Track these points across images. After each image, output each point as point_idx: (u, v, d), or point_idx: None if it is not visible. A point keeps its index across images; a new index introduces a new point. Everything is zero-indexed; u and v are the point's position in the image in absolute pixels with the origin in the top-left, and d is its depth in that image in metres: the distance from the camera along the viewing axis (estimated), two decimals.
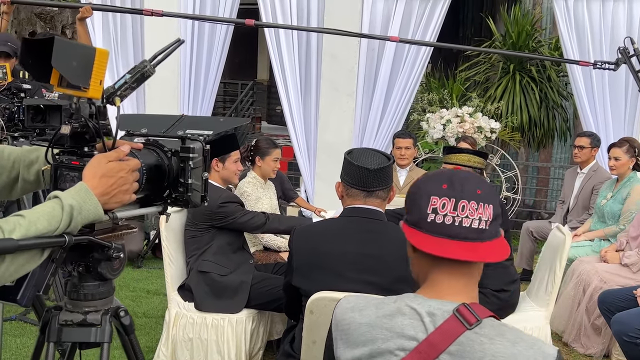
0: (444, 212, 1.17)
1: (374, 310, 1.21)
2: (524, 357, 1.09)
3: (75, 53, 1.23)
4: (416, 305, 1.18)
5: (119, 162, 1.30)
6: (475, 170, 3.15)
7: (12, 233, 1.09)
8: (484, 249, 1.17)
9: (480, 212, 1.17)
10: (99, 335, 1.37)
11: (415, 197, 1.22)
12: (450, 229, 1.16)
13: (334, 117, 6.50)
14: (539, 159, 8.64)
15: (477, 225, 1.17)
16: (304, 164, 6.62)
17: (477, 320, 1.12)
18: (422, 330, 1.15)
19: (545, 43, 7.59)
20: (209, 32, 6.66)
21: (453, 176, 1.21)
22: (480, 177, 1.25)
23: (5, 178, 1.43)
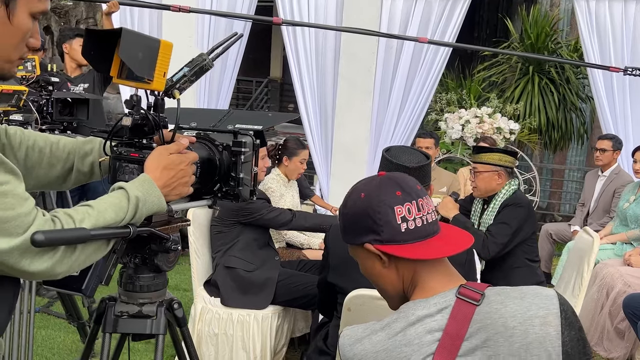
0: (411, 217, 1.21)
1: (383, 334, 1.19)
2: (535, 305, 1.12)
3: (141, 44, 1.23)
4: (421, 310, 1.18)
5: (179, 155, 1.31)
6: (506, 170, 3.14)
7: (82, 222, 1.09)
8: (449, 235, 1.26)
9: (429, 205, 1.25)
10: (154, 327, 1.37)
11: (379, 215, 1.21)
12: (423, 230, 1.22)
13: (350, 116, 6.49)
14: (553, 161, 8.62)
15: (434, 217, 1.26)
16: (320, 163, 6.62)
17: (481, 295, 1.15)
18: (437, 329, 1.15)
19: (564, 44, 7.56)
20: (226, 29, 6.67)
21: (396, 181, 1.25)
22: (404, 173, 1.32)
23: (60, 169, 1.43)
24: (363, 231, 1.24)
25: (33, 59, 3.45)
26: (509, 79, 7.57)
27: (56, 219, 1.06)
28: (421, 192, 1.25)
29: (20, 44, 1.10)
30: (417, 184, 1.26)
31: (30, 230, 1.00)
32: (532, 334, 1.10)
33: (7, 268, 1.01)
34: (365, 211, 1.23)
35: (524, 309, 1.13)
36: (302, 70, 6.42)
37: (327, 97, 6.59)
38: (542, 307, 1.13)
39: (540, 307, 1.13)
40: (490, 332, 1.12)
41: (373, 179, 1.29)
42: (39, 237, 0.97)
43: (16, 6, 1.05)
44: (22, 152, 1.38)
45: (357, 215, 1.25)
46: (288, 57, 6.36)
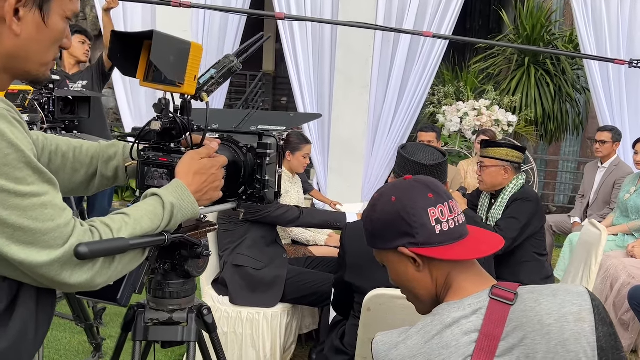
0: (444, 219, 1.21)
1: (419, 338, 1.18)
2: (568, 302, 1.13)
3: (172, 48, 1.20)
4: (455, 312, 1.17)
5: (210, 159, 1.29)
6: (514, 165, 3.14)
7: (120, 232, 1.07)
8: (479, 236, 1.26)
9: (458, 207, 1.26)
10: (185, 334, 1.35)
11: (414, 218, 1.21)
12: (456, 231, 1.22)
13: (347, 110, 6.47)
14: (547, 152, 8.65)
15: (463, 219, 1.27)
16: (317, 157, 6.59)
17: (515, 294, 1.16)
18: (474, 330, 1.14)
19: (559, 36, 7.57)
20: (221, 23, 6.61)
21: (426, 183, 1.25)
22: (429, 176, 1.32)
23: (84, 174, 1.40)
24: (396, 235, 1.22)
25: None
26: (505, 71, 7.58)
27: (94, 229, 1.04)
28: (449, 195, 1.25)
29: (54, 45, 1.09)
30: (444, 186, 1.27)
31: (70, 241, 0.97)
32: (568, 330, 1.11)
33: (47, 281, 0.98)
34: (399, 214, 1.22)
35: (558, 305, 1.13)
36: (299, 63, 6.38)
37: (324, 91, 6.56)
38: (575, 303, 1.13)
39: (574, 304, 1.13)
40: (527, 331, 1.12)
41: (402, 182, 1.27)
42: (83, 250, 0.95)
43: (50, 9, 1.05)
44: (45, 158, 1.35)
45: (390, 219, 1.23)
46: (285, 51, 6.32)
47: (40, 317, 1.02)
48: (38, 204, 0.95)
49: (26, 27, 1.02)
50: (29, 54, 1.05)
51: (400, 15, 6.37)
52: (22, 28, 1.02)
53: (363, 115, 6.50)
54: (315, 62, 6.49)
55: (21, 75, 1.08)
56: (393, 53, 6.43)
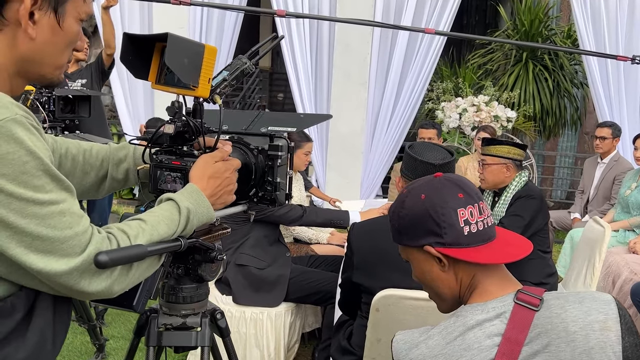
0: (474, 221, 1.19)
1: (440, 338, 1.18)
2: (594, 310, 1.11)
3: (186, 50, 1.19)
4: (479, 314, 1.16)
5: (224, 163, 1.27)
6: (515, 162, 3.13)
7: (137, 239, 1.05)
8: (507, 239, 1.24)
9: (488, 208, 1.23)
10: (199, 339, 1.34)
11: (443, 217, 1.19)
12: (484, 233, 1.20)
13: (346, 107, 6.45)
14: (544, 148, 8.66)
15: (492, 221, 1.24)
16: (316, 154, 6.58)
17: (540, 300, 1.14)
18: (497, 334, 1.13)
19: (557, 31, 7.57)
20: (218, 21, 6.58)
21: (457, 183, 1.23)
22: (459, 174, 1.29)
23: (94, 176, 1.39)
24: (423, 233, 1.21)
25: None
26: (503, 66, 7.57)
27: (112, 236, 1.02)
28: (480, 195, 1.23)
29: (68, 48, 1.08)
30: (476, 187, 1.25)
31: (88, 249, 0.96)
32: (594, 339, 1.09)
33: (65, 289, 0.97)
34: (427, 212, 1.20)
35: (584, 313, 1.11)
36: (297, 60, 6.35)
37: (323, 88, 6.55)
38: (602, 311, 1.11)
39: (600, 312, 1.11)
40: (551, 337, 1.11)
41: (432, 180, 1.25)
42: (104, 258, 0.93)
43: (65, 11, 1.04)
44: (55, 162, 1.32)
45: (418, 217, 1.21)
46: (282, 48, 6.29)
47: (58, 327, 1.00)
48: (56, 211, 0.93)
49: (41, 31, 1.01)
50: (44, 58, 1.03)
51: (399, 12, 6.36)
52: (38, 31, 1.00)
53: (361, 112, 6.49)
54: (313, 59, 6.47)
55: (36, 79, 1.07)
56: (391, 50, 6.41)
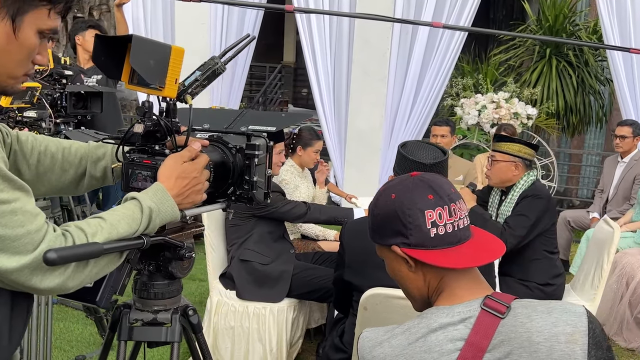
0: (442, 222, 1.17)
1: (403, 338, 1.17)
2: (562, 322, 1.09)
3: (152, 51, 1.21)
4: (444, 317, 1.15)
5: (192, 163, 1.29)
6: (525, 161, 3.09)
7: (94, 236, 1.08)
8: (480, 241, 1.22)
9: (462, 210, 1.21)
10: (169, 335, 1.36)
11: (409, 218, 1.18)
12: (453, 236, 1.18)
13: (365, 103, 6.43)
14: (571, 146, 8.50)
15: (466, 223, 1.21)
16: (334, 150, 6.58)
17: (507, 307, 1.13)
18: (460, 339, 1.12)
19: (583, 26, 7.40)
20: (239, 16, 6.62)
21: (429, 184, 1.21)
22: (440, 174, 1.28)
23: (73, 174, 1.42)
24: (391, 233, 1.21)
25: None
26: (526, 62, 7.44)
27: (67, 234, 1.05)
28: (455, 196, 1.20)
29: (24, 60, 1.06)
30: (452, 187, 1.22)
31: (40, 247, 0.98)
32: (558, 350, 1.07)
33: (17, 285, 1.00)
34: (395, 213, 1.20)
35: (550, 324, 1.09)
36: (316, 56, 6.36)
37: (342, 83, 6.53)
38: (570, 323, 1.09)
39: (568, 324, 1.09)
40: (514, 346, 1.09)
41: (406, 179, 1.24)
42: (52, 256, 0.96)
43: (23, 21, 1.02)
44: (34, 158, 1.36)
45: (387, 216, 1.21)
46: (302, 43, 6.30)
47: (15, 322, 1.04)
48: (7, 210, 0.96)
49: None
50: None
51: (419, 7, 6.30)
52: None
53: (380, 108, 6.46)
54: (332, 54, 6.46)
55: None
56: (411, 45, 6.36)
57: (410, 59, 6.35)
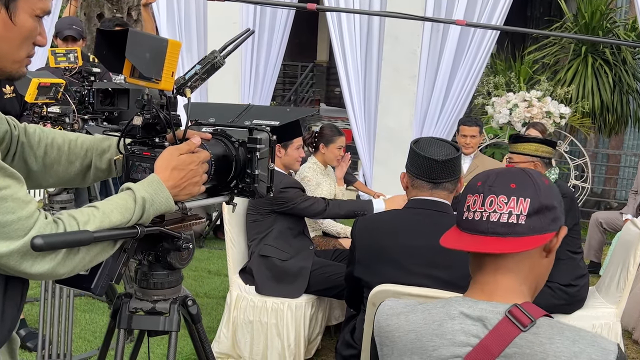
0: (474, 209, 1.16)
1: (421, 316, 1.17)
2: (586, 354, 1.04)
3: (148, 45, 1.23)
4: (466, 308, 1.13)
5: (189, 155, 1.31)
6: (544, 160, 3.03)
7: (86, 225, 1.11)
8: (516, 243, 1.13)
9: (511, 206, 1.13)
10: (167, 324, 1.39)
11: (460, 197, 1.24)
12: (478, 224, 1.15)
13: (394, 101, 6.39)
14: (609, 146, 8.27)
15: (507, 220, 1.14)
16: (363, 148, 6.56)
17: (531, 321, 1.09)
18: (475, 335, 1.10)
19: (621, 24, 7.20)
20: (271, 16, 6.67)
21: (493, 173, 1.19)
22: (523, 172, 1.18)
23: (79, 165, 1.46)
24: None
25: (75, 50, 3.53)
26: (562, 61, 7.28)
27: (59, 221, 1.08)
28: (504, 191, 1.15)
29: (24, 43, 1.12)
30: (512, 182, 1.15)
31: (31, 233, 1.02)
32: None
33: (9, 270, 1.04)
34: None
35: (571, 353, 1.05)
36: (346, 54, 6.35)
37: (372, 82, 6.51)
38: (595, 358, 1.04)
39: (592, 359, 1.04)
40: None
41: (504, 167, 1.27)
42: (38, 242, 0.99)
43: (17, 7, 1.08)
44: (41, 150, 1.41)
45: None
46: (332, 41, 6.30)
47: (7, 303, 1.07)
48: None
49: None
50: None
51: (451, 5, 6.23)
52: None
53: (410, 107, 6.41)
54: (362, 52, 6.44)
55: None
56: (442, 43, 6.29)
57: (441, 58, 6.28)
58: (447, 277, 1.97)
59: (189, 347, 3.11)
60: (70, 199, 2.73)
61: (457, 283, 1.94)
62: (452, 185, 2.10)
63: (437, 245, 1.99)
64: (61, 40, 4.03)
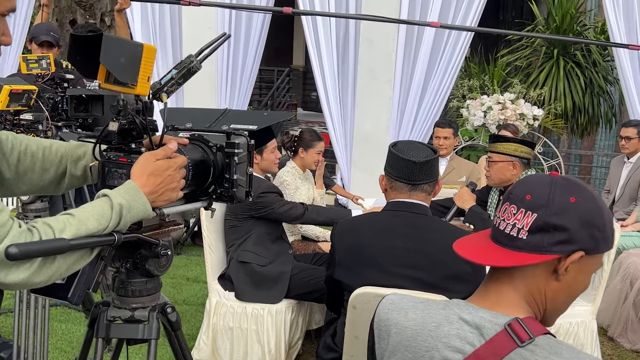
0: (502, 217, 1.13)
1: (420, 315, 1.15)
2: None
3: (123, 49, 1.22)
4: (465, 314, 1.11)
5: (166, 160, 1.29)
6: (522, 160, 3.07)
7: (62, 232, 1.09)
8: (510, 256, 1.09)
9: (517, 218, 1.09)
10: (146, 332, 1.37)
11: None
12: (492, 230, 1.15)
13: (371, 105, 6.43)
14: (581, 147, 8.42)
15: (509, 231, 1.09)
16: (340, 152, 6.58)
17: (530, 338, 1.05)
18: (470, 343, 1.08)
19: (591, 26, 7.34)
20: (246, 20, 6.65)
21: (522, 180, 1.15)
22: (549, 184, 1.09)
23: (53, 173, 1.44)
24: None
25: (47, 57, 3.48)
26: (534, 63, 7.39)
27: (34, 229, 1.06)
28: (518, 201, 1.10)
29: None
30: (529, 194, 1.09)
31: (4, 242, 1.00)
32: None
33: None
34: None
35: None
36: (322, 58, 6.36)
37: (348, 85, 6.53)
38: None
39: None
40: None
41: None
42: (13, 251, 0.97)
43: None
44: (14, 157, 1.38)
45: None
46: (308, 45, 6.31)
47: None
48: None
49: None
50: None
51: (425, 7, 6.28)
52: None
53: (386, 110, 6.44)
54: (338, 56, 6.46)
55: None
56: (417, 47, 6.35)
57: (417, 61, 6.34)
58: (427, 279, 1.98)
59: (168, 355, 3.07)
60: (44, 207, 2.68)
61: (438, 284, 1.96)
62: (430, 187, 2.11)
63: (416, 246, 2.02)
64: (37, 45, 3.97)
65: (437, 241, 2.01)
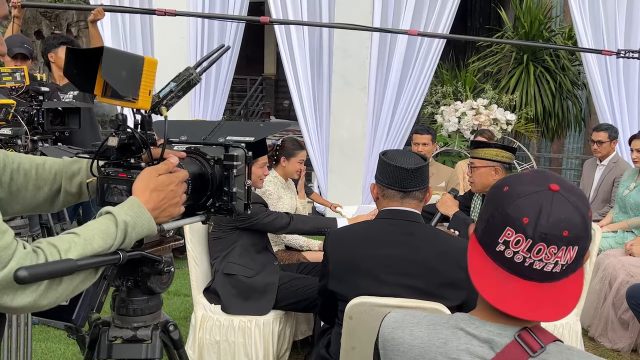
0: (516, 249, 1.04)
1: (426, 332, 1.14)
2: None
3: (124, 63, 1.19)
4: (472, 329, 1.10)
5: (168, 175, 1.27)
6: (504, 165, 3.11)
7: (68, 252, 1.05)
8: (548, 292, 1.06)
9: (558, 256, 1.03)
10: (149, 352, 1.33)
11: (494, 219, 1.08)
12: (516, 267, 1.06)
13: (346, 113, 6.45)
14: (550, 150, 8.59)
15: (551, 269, 1.04)
16: (317, 160, 6.58)
17: (541, 347, 1.05)
18: (480, 357, 1.07)
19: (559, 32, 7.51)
20: (219, 30, 6.62)
21: (543, 205, 1.04)
22: (576, 212, 1.03)
23: (47, 191, 1.39)
24: (483, 220, 1.13)
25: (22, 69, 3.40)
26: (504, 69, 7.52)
27: (39, 250, 1.02)
28: (557, 241, 1.03)
29: None
30: (566, 229, 1.02)
31: (10, 264, 0.96)
32: None
33: None
34: (495, 204, 1.10)
35: None
36: (297, 67, 6.36)
37: (323, 94, 6.55)
38: None
39: None
40: None
41: (546, 191, 1.07)
42: (23, 274, 0.93)
43: None
44: (6, 176, 1.34)
45: (489, 201, 1.12)
46: (281, 54, 6.31)
47: None
48: None
49: None
50: None
51: (397, 15, 6.34)
52: None
53: (362, 118, 6.48)
54: (312, 65, 6.47)
55: None
56: (390, 54, 6.40)
57: (390, 68, 6.39)
58: (423, 286, 1.99)
59: None
60: (24, 224, 2.60)
61: (434, 292, 1.97)
62: (421, 194, 2.12)
63: (411, 255, 2.03)
64: (10, 58, 3.88)
65: (432, 249, 2.02)
